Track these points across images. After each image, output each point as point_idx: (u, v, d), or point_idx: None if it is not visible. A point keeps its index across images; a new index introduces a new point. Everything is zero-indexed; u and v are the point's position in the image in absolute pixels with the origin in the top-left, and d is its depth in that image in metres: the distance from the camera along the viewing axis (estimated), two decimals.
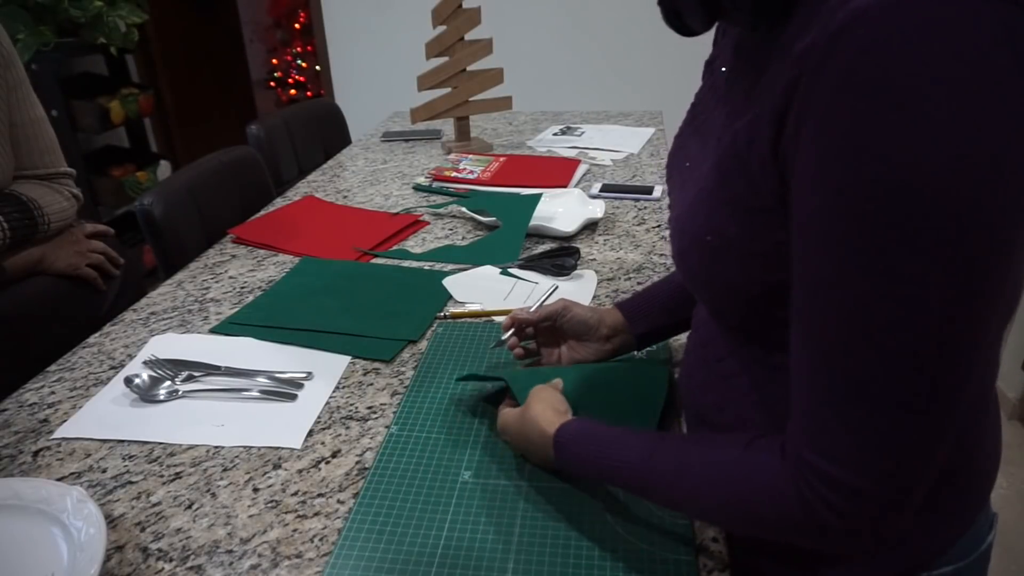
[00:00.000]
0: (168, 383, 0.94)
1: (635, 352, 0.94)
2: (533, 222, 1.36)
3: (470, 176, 1.72)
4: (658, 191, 1.57)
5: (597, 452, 0.65)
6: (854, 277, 0.44)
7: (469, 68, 1.88)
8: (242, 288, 1.22)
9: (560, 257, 1.25)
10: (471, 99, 1.92)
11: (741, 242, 0.53)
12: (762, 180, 0.49)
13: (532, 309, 0.91)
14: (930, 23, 0.38)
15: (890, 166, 0.40)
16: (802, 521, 0.50)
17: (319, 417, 0.88)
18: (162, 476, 0.80)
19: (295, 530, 0.72)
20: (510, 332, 0.91)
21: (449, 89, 1.89)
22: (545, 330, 0.92)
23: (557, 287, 0.90)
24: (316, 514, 0.73)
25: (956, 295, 0.42)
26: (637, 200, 1.55)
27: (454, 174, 1.73)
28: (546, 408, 0.73)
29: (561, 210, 1.46)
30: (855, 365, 0.45)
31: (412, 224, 1.46)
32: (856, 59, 0.40)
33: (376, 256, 1.33)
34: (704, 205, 0.56)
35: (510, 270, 1.24)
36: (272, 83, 5.13)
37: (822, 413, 0.48)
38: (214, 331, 1.09)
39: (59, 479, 0.79)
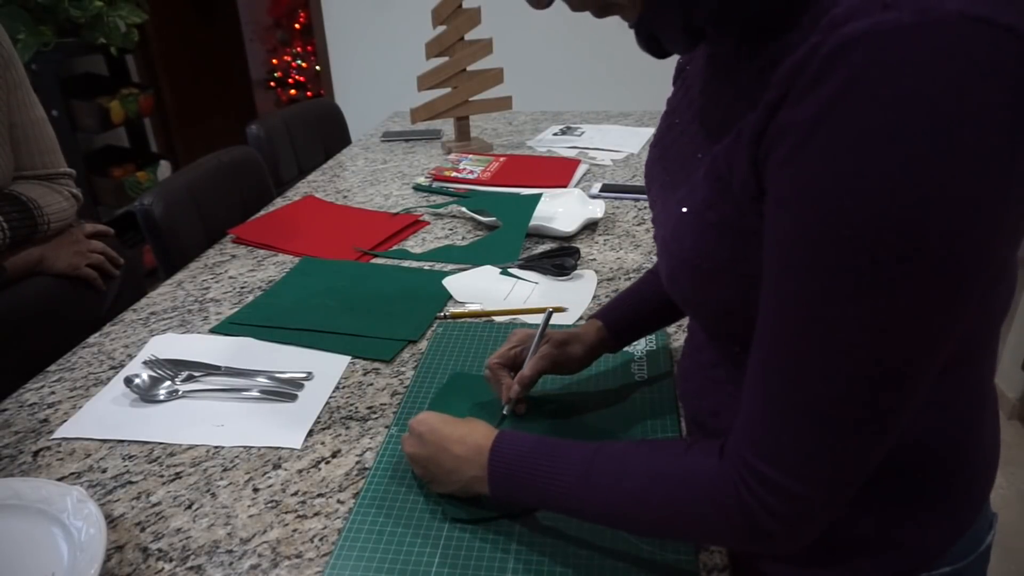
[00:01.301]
0: (168, 383, 0.94)
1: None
2: (533, 222, 1.36)
3: (470, 176, 1.72)
4: None
5: (536, 459, 0.63)
6: (819, 299, 0.44)
7: (469, 68, 1.88)
8: (242, 288, 1.22)
9: (560, 257, 1.25)
10: (471, 99, 1.92)
11: (733, 264, 0.53)
12: (746, 200, 0.49)
13: (529, 357, 0.84)
14: (922, 52, 0.38)
15: (866, 195, 0.40)
16: (738, 521, 0.51)
17: (319, 417, 0.88)
18: (162, 476, 0.80)
19: (295, 530, 0.72)
20: (514, 402, 0.84)
21: (449, 89, 1.89)
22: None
23: (552, 312, 0.88)
24: (316, 514, 0.73)
25: (916, 326, 0.43)
26: (637, 200, 1.55)
27: (454, 174, 1.73)
28: (476, 424, 0.71)
29: (561, 210, 1.46)
30: (813, 382, 0.46)
31: (412, 224, 1.46)
32: (844, 85, 0.40)
33: (376, 256, 1.33)
34: (690, 227, 0.55)
35: (510, 270, 1.24)
36: (272, 83, 5.12)
37: (774, 421, 0.49)
38: (214, 331, 1.09)
39: (59, 479, 0.79)
